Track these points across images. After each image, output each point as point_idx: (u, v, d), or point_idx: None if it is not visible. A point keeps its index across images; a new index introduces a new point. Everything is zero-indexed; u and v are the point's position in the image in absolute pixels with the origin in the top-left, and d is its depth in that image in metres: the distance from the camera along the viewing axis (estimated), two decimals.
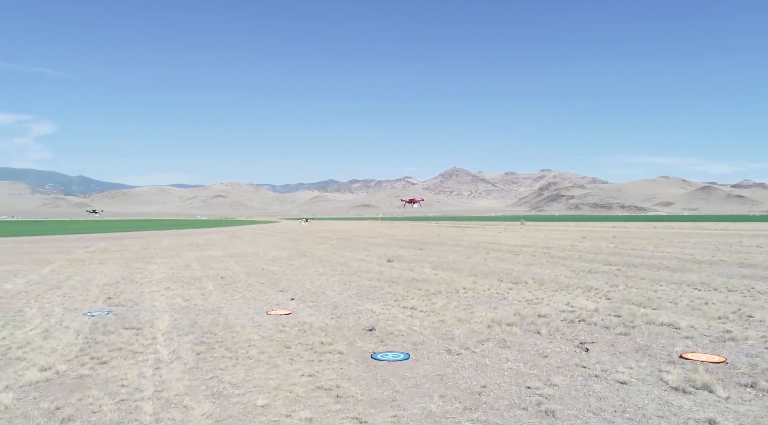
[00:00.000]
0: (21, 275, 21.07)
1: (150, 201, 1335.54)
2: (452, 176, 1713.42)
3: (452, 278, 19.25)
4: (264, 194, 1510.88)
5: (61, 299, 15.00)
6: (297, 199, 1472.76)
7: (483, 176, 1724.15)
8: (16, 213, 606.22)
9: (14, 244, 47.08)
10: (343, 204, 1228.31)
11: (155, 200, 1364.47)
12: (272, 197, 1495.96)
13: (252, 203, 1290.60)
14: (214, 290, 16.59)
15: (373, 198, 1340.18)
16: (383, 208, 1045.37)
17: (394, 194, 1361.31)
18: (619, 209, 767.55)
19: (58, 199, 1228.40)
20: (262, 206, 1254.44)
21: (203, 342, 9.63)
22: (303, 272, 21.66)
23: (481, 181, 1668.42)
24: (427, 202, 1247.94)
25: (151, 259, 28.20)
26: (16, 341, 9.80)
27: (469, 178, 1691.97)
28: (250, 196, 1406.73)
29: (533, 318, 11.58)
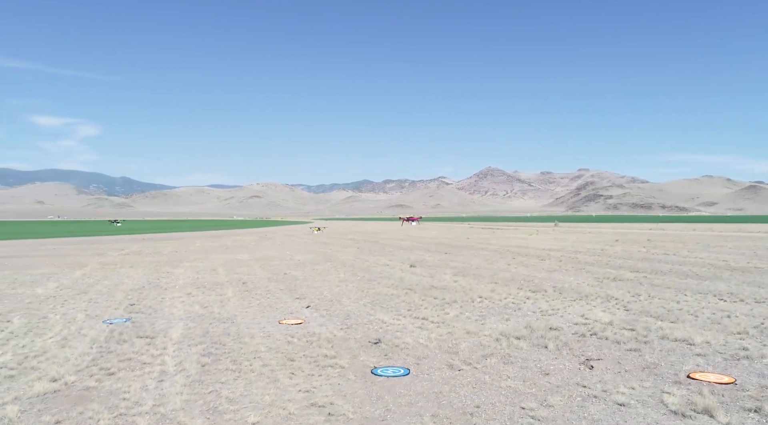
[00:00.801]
0: (54, 279, 21.84)
1: (188, 201, 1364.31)
2: (487, 175, 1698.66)
3: (471, 285, 19.13)
4: (299, 195, 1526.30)
5: (86, 305, 15.50)
6: (331, 199, 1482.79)
7: (519, 175, 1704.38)
8: (62, 213, 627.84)
9: (56, 245, 48.78)
10: (377, 204, 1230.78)
11: (193, 200, 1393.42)
12: (307, 197, 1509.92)
13: (287, 203, 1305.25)
14: (233, 296, 16.89)
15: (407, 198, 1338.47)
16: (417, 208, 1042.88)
17: (428, 194, 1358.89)
18: (659, 210, 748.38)
19: (102, 199, 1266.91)
20: (296, 206, 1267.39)
21: (210, 353, 9.83)
22: (324, 277, 21.84)
23: (516, 181, 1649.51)
24: (461, 202, 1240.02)
25: (179, 263, 28.85)
26: (34, 349, 10.19)
27: (505, 178, 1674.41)
28: (286, 196, 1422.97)
29: (543, 331, 11.43)
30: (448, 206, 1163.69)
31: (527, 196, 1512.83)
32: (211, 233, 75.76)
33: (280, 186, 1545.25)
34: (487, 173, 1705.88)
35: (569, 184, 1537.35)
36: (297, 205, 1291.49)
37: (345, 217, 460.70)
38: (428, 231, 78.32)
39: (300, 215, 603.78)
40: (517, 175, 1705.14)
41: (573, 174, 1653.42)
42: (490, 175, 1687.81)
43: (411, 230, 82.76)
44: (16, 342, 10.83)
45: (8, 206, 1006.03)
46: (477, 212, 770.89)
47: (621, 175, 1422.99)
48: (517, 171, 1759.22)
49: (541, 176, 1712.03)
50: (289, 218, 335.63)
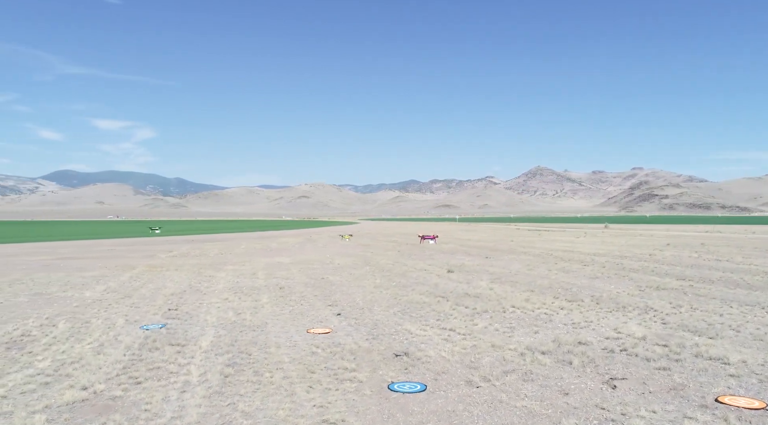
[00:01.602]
0: (103, 282, 22.81)
1: (239, 202, 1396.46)
2: (536, 175, 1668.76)
3: (507, 293, 18.88)
4: (346, 195, 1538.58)
5: (127, 309, 16.13)
6: (378, 199, 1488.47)
7: (569, 174, 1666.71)
8: (120, 213, 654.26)
9: (111, 246, 50.87)
10: (424, 204, 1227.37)
11: (244, 200, 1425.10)
12: (354, 198, 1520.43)
13: (334, 203, 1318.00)
14: (267, 302, 17.22)
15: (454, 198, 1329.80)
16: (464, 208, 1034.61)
17: (476, 194, 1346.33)
18: (719, 210, 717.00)
19: (158, 200, 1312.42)
20: (344, 206, 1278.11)
21: (235, 364, 10.07)
22: (359, 283, 21.99)
23: (566, 180, 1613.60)
24: (509, 202, 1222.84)
25: (222, 266, 29.61)
26: (72, 355, 10.68)
27: (554, 177, 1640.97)
28: (333, 196, 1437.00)
29: (571, 346, 11.18)
30: (496, 206, 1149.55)
31: (578, 196, 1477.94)
32: (258, 235, 77.35)
33: (328, 186, 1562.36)
34: (536, 173, 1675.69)
35: (622, 183, 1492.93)
36: (344, 205, 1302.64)
37: (391, 217, 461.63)
38: (473, 233, 77.64)
39: (347, 216, 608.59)
40: (567, 174, 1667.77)
41: (626, 173, 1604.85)
42: (539, 174, 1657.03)
43: (456, 233, 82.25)
44: (57, 347, 11.39)
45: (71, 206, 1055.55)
46: (525, 213, 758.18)
47: (677, 174, 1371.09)
48: (567, 170, 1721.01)
49: (592, 175, 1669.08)
50: (335, 219, 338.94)
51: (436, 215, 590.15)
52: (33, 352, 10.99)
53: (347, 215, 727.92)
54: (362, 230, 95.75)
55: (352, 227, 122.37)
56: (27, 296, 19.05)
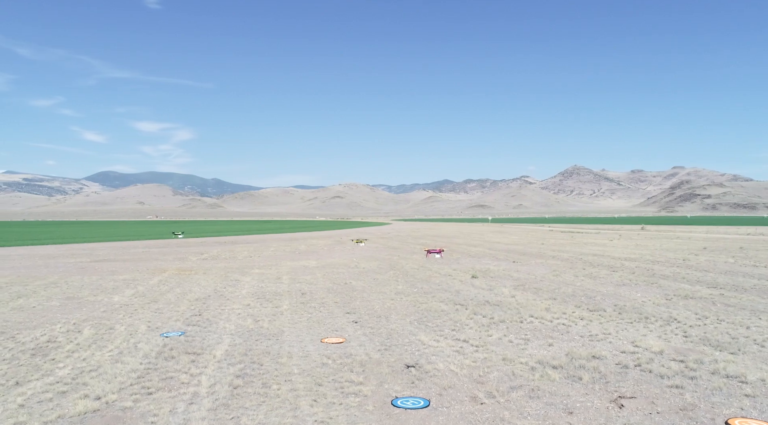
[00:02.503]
0: (132, 286, 23.45)
1: (274, 202, 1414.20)
2: (573, 174, 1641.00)
3: (528, 301, 18.68)
4: (379, 195, 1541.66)
5: (151, 315, 16.56)
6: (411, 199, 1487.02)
7: (606, 174, 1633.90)
8: (159, 213, 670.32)
9: (145, 248, 52.20)
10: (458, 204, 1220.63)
11: (279, 200, 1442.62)
12: (387, 198, 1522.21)
13: (368, 203, 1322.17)
14: (287, 309, 17.44)
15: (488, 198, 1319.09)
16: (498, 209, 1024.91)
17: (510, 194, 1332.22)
18: (765, 211, 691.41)
19: (195, 200, 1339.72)
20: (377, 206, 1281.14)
21: (245, 375, 10.25)
22: (381, 289, 22.06)
23: (604, 179, 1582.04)
24: (545, 202, 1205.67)
25: (249, 270, 30.08)
26: (91, 363, 11.04)
27: (591, 176, 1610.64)
28: (366, 196, 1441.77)
29: (584, 361, 11.01)
30: (531, 206, 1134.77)
31: (616, 195, 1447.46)
32: (289, 237, 78.21)
33: (362, 186, 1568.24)
34: (572, 172, 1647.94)
35: (662, 182, 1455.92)
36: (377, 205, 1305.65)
37: (424, 217, 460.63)
38: (504, 235, 76.88)
39: (380, 216, 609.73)
40: (605, 173, 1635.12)
41: (667, 172, 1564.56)
42: (576, 173, 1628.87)
43: (487, 234, 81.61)
44: (79, 354, 11.79)
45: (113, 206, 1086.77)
46: (561, 213, 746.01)
47: (721, 173, 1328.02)
48: (605, 169, 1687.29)
49: (631, 175, 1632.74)
50: (368, 219, 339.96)
51: (469, 216, 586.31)
52: (55, 359, 11.40)
53: (380, 215, 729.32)
54: (392, 232, 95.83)
55: (384, 228, 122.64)
56: (59, 300, 19.73)
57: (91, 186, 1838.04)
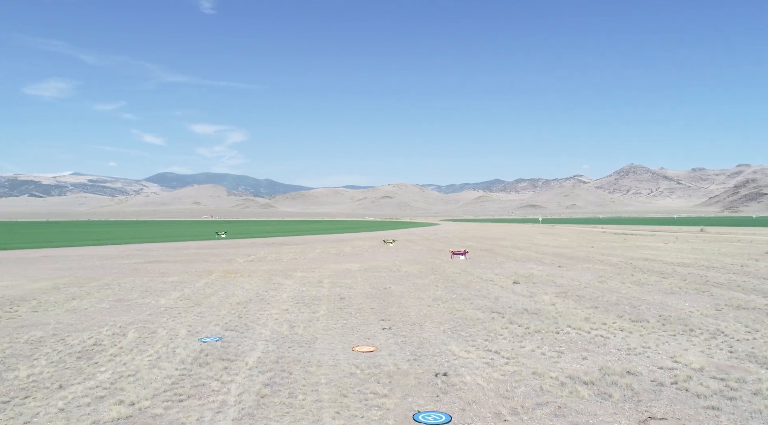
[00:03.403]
0: (179, 289, 24.26)
1: (325, 202, 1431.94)
2: (629, 173, 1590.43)
3: (568, 310, 18.26)
4: (429, 195, 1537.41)
5: (193, 319, 17.10)
6: (461, 199, 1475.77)
7: (665, 172, 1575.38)
8: (214, 213, 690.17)
9: (197, 249, 53.89)
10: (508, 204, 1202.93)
11: (329, 200, 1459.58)
12: (436, 198, 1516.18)
13: (417, 203, 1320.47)
14: (324, 315, 17.66)
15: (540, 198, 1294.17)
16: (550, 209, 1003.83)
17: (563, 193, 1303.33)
18: None
19: (248, 200, 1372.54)
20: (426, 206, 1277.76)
21: (274, 383, 10.46)
22: (419, 295, 22.03)
23: (662, 178, 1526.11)
24: (599, 202, 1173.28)
25: (292, 272, 30.61)
26: (130, 368, 11.52)
27: (649, 175, 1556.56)
28: (416, 196, 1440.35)
29: (617, 377, 10.68)
30: (585, 206, 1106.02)
31: (675, 195, 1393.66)
32: (336, 238, 79.03)
33: (411, 186, 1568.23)
34: (629, 171, 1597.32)
35: (726, 181, 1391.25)
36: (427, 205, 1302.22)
37: (473, 218, 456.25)
38: (553, 237, 75.30)
39: (429, 216, 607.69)
40: (664, 172, 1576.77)
41: (730, 170, 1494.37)
42: (633, 172, 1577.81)
43: (535, 236, 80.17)
44: (121, 358, 12.31)
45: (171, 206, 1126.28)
46: (617, 213, 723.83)
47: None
48: (664, 168, 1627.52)
49: (692, 173, 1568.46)
50: (416, 219, 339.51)
51: (520, 216, 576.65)
52: (98, 363, 11.94)
53: (429, 215, 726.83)
54: (439, 233, 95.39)
55: (431, 229, 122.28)
56: (110, 302, 20.64)
57: (150, 187, 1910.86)
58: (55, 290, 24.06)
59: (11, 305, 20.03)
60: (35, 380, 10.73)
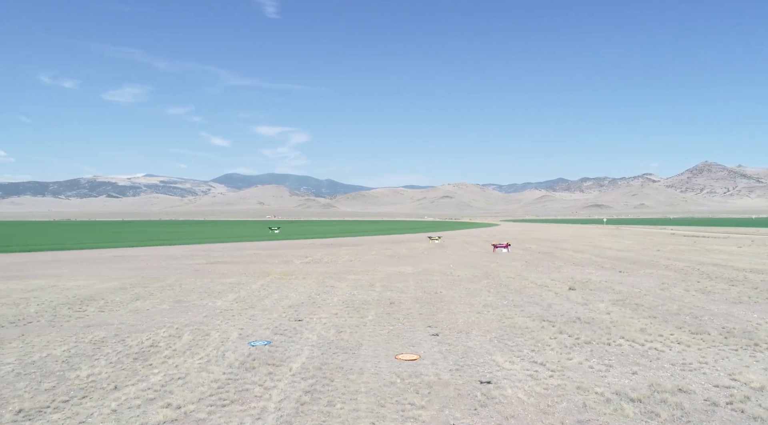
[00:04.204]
0: (236, 290, 25.04)
1: (384, 202, 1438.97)
2: (702, 171, 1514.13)
3: (623, 319, 17.61)
4: (489, 194, 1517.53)
5: (245, 322, 17.61)
6: (522, 199, 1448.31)
7: (743, 170, 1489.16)
8: (277, 213, 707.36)
9: (256, 250, 55.40)
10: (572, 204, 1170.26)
11: (389, 200, 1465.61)
12: (497, 197, 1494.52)
13: (477, 203, 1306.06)
14: (371, 320, 17.79)
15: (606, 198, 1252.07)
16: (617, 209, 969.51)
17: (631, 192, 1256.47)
18: None
19: (310, 200, 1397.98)
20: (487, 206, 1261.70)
21: (314, 391, 10.64)
22: (470, 300, 21.81)
23: (740, 176, 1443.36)
24: (670, 201, 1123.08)
25: (346, 275, 30.97)
26: (181, 370, 12.01)
27: (725, 173, 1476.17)
28: (476, 196, 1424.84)
29: (668, 394, 10.23)
30: (654, 205, 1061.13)
31: (754, 194, 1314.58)
32: (393, 239, 79.28)
33: (471, 186, 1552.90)
34: (702, 168, 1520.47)
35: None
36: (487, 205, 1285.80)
37: (535, 218, 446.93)
38: (617, 239, 72.69)
39: (489, 216, 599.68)
40: (741, 170, 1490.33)
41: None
42: (707, 170, 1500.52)
43: (598, 238, 77.66)
44: (173, 361, 12.86)
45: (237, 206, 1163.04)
46: (688, 214, 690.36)
47: None
48: (741, 165, 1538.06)
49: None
50: (476, 220, 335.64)
51: (584, 216, 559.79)
52: (152, 365, 12.52)
53: (490, 215, 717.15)
54: (498, 234, 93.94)
55: (490, 230, 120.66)
56: (170, 303, 21.56)
57: (217, 188, 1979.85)
58: (122, 290, 25.36)
59: (81, 304, 21.28)
60: (94, 380, 11.37)
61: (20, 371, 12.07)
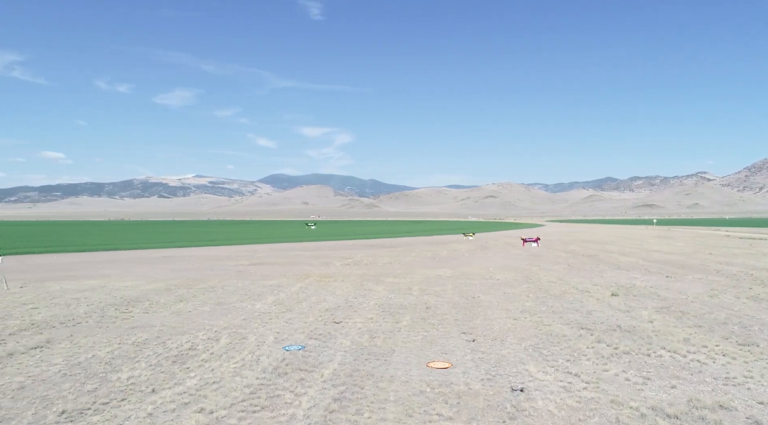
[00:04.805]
0: (275, 293, 25.46)
1: (427, 202, 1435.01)
2: (762, 169, 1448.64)
3: (666, 328, 17.05)
4: (535, 194, 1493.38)
5: (282, 325, 17.89)
6: (569, 199, 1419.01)
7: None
8: (321, 213, 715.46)
9: (299, 251, 56.18)
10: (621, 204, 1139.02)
11: (432, 200, 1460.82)
12: (543, 197, 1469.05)
13: (522, 203, 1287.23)
14: (405, 325, 17.79)
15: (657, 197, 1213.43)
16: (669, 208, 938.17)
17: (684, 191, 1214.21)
18: None
19: (354, 200, 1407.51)
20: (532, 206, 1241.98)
21: (344, 398, 10.73)
22: (508, 306, 21.54)
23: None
24: (726, 201, 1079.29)
25: (384, 278, 31.06)
26: (216, 375, 12.31)
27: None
28: (521, 196, 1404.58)
29: (707, 411, 9.86)
30: (709, 205, 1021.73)
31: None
32: (435, 240, 78.96)
33: (516, 186, 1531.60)
34: (761, 166, 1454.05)
35: None
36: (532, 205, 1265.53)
37: (582, 218, 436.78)
38: (667, 242, 70.36)
39: (534, 216, 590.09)
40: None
41: None
42: (767, 168, 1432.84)
43: (647, 240, 75.36)
44: (210, 364, 13.19)
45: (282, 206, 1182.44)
46: (747, 214, 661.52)
47: None
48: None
49: None
50: (521, 220, 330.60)
51: (634, 216, 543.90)
52: (189, 368, 12.88)
53: (535, 215, 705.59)
54: (543, 235, 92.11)
55: (535, 230, 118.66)
56: (211, 305, 22.12)
57: (263, 188, 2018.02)
58: (167, 291, 26.17)
59: (127, 306, 22.07)
60: (133, 383, 11.78)
61: (66, 372, 12.62)
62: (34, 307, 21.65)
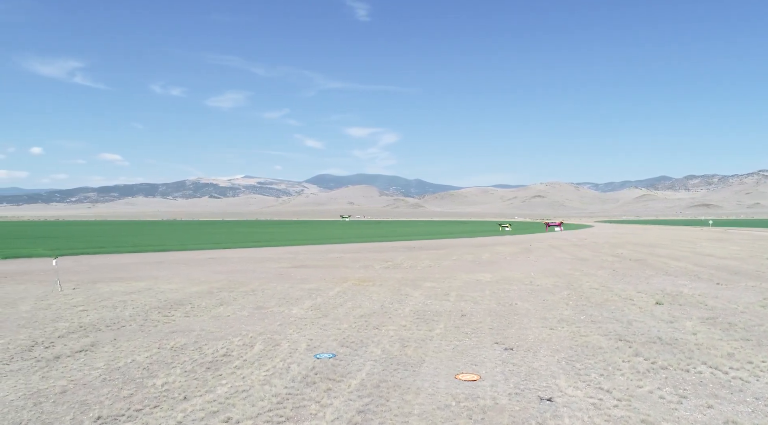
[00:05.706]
0: (313, 297, 25.77)
1: (473, 201, 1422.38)
2: None
3: (710, 341, 16.40)
4: (584, 194, 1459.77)
5: (316, 332, 18.11)
6: (620, 198, 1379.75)
7: None
8: (366, 213, 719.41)
9: (341, 253, 56.66)
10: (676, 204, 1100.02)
11: (478, 200, 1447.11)
12: (593, 197, 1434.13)
13: (571, 202, 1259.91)
14: (438, 334, 17.71)
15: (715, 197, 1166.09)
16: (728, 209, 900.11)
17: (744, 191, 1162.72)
18: None
19: (399, 200, 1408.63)
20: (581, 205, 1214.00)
21: (368, 410, 10.78)
22: (545, 314, 21.15)
23: None
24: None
25: (422, 282, 30.99)
26: (246, 383, 12.57)
27: None
28: (570, 195, 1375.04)
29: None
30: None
31: None
32: (477, 242, 78.15)
33: (565, 185, 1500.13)
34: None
35: None
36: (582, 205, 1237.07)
37: (634, 218, 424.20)
38: (722, 245, 67.52)
39: (584, 216, 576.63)
40: None
41: None
42: None
43: (701, 242, 72.52)
44: (241, 372, 13.48)
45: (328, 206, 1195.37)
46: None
47: None
48: None
49: None
50: (569, 221, 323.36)
51: (690, 217, 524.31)
52: (222, 375, 13.21)
53: (584, 215, 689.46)
54: (590, 237, 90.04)
55: (582, 232, 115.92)
56: (249, 310, 22.58)
57: (310, 188, 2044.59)
58: (209, 294, 26.87)
59: (170, 309, 22.79)
60: (167, 389, 12.17)
61: (106, 377, 13.15)
62: (83, 309, 22.61)
